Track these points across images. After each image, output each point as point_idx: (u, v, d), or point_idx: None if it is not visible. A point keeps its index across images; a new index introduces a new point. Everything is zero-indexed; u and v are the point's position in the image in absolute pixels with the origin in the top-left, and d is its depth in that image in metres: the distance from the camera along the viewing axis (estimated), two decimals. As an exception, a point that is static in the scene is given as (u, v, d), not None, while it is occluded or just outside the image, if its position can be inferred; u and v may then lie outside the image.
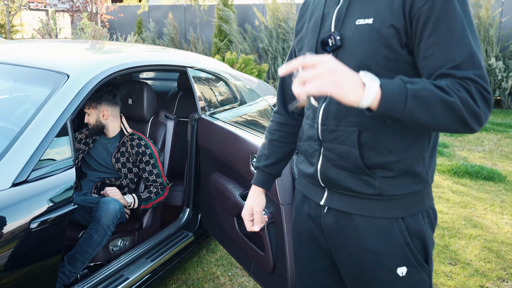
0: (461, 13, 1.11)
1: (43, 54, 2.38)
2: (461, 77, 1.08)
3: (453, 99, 1.05)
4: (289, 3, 9.99)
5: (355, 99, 1.04)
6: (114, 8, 11.09)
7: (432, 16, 1.10)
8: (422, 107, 1.05)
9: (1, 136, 1.88)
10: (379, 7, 1.17)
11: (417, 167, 1.23)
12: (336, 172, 1.27)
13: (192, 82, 2.76)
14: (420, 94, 1.05)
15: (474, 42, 1.11)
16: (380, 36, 1.16)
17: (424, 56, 1.12)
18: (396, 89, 1.05)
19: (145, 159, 2.61)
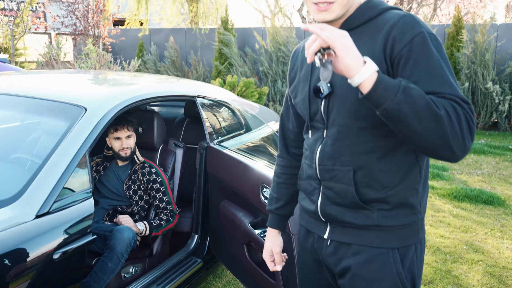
0: (436, 54, 1.20)
1: (61, 87, 2.47)
2: (450, 98, 1.15)
3: (440, 112, 1.11)
4: (288, 27, 10.19)
5: (354, 66, 1.12)
6: (117, 31, 11.27)
7: (410, 58, 1.19)
8: (410, 103, 1.11)
9: (23, 168, 1.96)
10: (362, 55, 1.23)
11: (411, 199, 1.31)
12: (336, 209, 1.36)
13: (201, 111, 2.85)
14: (411, 92, 1.11)
15: (454, 81, 1.19)
16: None
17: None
18: (390, 81, 1.13)
19: (155, 186, 2.68)
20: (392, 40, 1.22)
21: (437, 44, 1.22)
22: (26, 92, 2.31)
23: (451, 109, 1.13)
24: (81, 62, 6.26)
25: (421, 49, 1.20)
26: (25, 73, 2.91)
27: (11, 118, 2.33)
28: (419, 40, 1.20)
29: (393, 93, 1.11)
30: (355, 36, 1.29)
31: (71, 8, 10.42)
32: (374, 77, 1.12)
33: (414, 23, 1.23)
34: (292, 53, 1.58)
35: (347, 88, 1.27)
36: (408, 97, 1.11)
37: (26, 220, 1.66)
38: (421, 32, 1.21)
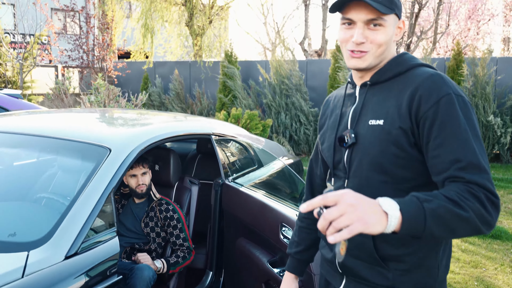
0: (462, 118, 1.21)
1: (84, 127, 2.54)
2: (469, 181, 1.15)
3: (468, 214, 1.11)
4: (291, 60, 10.39)
5: (381, 229, 1.07)
6: (123, 64, 11.49)
7: (436, 120, 1.21)
8: (441, 224, 1.10)
9: (51, 209, 2.01)
10: (389, 110, 1.31)
11: (429, 261, 1.30)
12: (353, 261, 1.37)
13: (216, 148, 2.91)
14: (437, 212, 1.10)
15: (477, 145, 1.20)
16: (390, 136, 1.28)
17: (432, 155, 1.22)
18: (414, 211, 1.09)
19: (172, 223, 2.72)
20: (418, 99, 1.25)
21: (464, 107, 1.23)
22: (50, 132, 2.37)
23: (474, 200, 1.13)
24: (90, 96, 6.38)
25: (447, 111, 1.21)
26: (46, 112, 2.99)
27: (37, 158, 2.39)
28: (445, 102, 1.22)
29: (421, 223, 1.10)
30: (383, 90, 1.34)
31: (79, 42, 10.66)
32: (400, 220, 1.08)
33: (442, 84, 1.25)
34: (324, 101, 1.62)
35: (370, 141, 1.31)
36: (437, 220, 1.10)
37: (56, 261, 1.70)
38: (448, 94, 1.23)
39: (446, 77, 1.28)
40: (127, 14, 14.74)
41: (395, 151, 1.27)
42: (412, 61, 1.36)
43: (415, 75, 1.31)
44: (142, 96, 7.04)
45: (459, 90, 1.26)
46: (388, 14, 1.31)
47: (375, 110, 1.34)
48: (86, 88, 10.33)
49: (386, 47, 1.34)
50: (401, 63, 1.36)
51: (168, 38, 14.53)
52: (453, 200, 1.12)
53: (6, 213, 2.01)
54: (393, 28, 1.35)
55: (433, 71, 1.30)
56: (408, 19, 15.28)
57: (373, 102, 1.36)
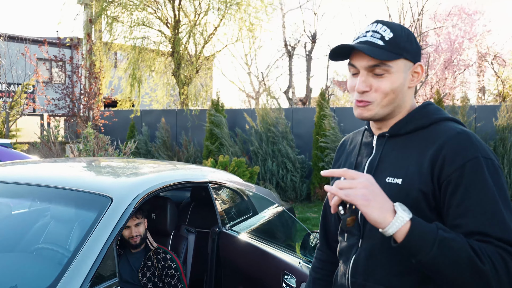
0: (491, 185, 1.09)
1: (83, 177, 2.55)
2: (499, 246, 1.05)
3: (484, 267, 1.02)
4: (277, 108, 10.59)
5: (381, 221, 1.05)
6: (110, 113, 11.55)
7: (461, 186, 1.09)
8: (448, 257, 1.03)
9: (52, 261, 1.98)
10: (408, 168, 1.17)
11: None
12: None
13: (213, 196, 2.92)
14: (450, 244, 1.03)
15: (509, 216, 1.07)
16: (408, 198, 1.15)
17: (453, 224, 1.11)
18: (426, 230, 1.05)
19: (170, 273, 2.68)
20: (442, 160, 1.13)
21: (494, 172, 1.11)
22: (50, 182, 2.36)
23: (499, 261, 1.03)
24: (79, 145, 6.37)
25: (474, 177, 1.09)
26: (42, 161, 2.98)
27: (36, 208, 2.37)
28: (472, 166, 1.10)
29: (428, 245, 1.03)
30: (403, 143, 1.23)
31: (66, 92, 10.74)
32: (406, 228, 1.04)
33: (470, 144, 1.13)
34: (340, 143, 1.49)
35: None
36: (446, 250, 1.03)
37: (58, 315, 1.66)
38: (476, 157, 1.11)
39: (475, 136, 1.17)
40: (114, 64, 14.97)
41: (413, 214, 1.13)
42: (437, 114, 1.24)
43: (440, 131, 1.19)
44: (130, 144, 7.05)
45: (489, 152, 1.15)
46: (393, 60, 1.20)
47: (393, 166, 1.22)
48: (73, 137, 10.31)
49: (394, 96, 1.22)
50: (425, 115, 1.25)
51: (155, 87, 14.72)
52: (473, 247, 1.04)
53: (6, 265, 1.97)
54: (404, 74, 1.22)
55: (460, 128, 1.19)
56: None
57: (392, 157, 1.24)
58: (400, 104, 1.25)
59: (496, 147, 9.19)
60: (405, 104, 1.27)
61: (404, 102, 1.26)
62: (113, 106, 16.01)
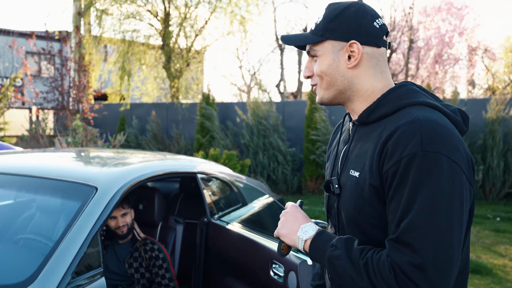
0: (421, 184, 1.01)
1: (68, 166, 2.50)
2: (388, 255, 1.03)
3: (362, 283, 1.05)
4: (268, 102, 10.56)
5: (292, 243, 1.24)
6: (100, 106, 11.44)
7: (394, 182, 1.06)
8: (336, 273, 1.12)
9: (35, 250, 1.94)
10: (365, 162, 1.14)
11: None
12: None
13: (202, 187, 2.89)
14: (335, 262, 1.12)
15: (430, 218, 0.99)
16: (363, 192, 1.13)
17: (388, 220, 1.10)
18: (320, 249, 1.17)
19: (158, 263, 2.65)
20: (385, 153, 1.08)
21: (432, 168, 1.01)
22: (34, 172, 2.32)
23: (382, 275, 1.02)
24: (68, 138, 6.29)
25: (405, 174, 1.03)
26: (28, 152, 2.93)
27: (19, 198, 2.33)
28: (406, 163, 1.03)
29: (323, 262, 1.17)
30: (366, 134, 1.18)
31: (55, 85, 10.61)
32: (307, 247, 1.20)
33: (412, 137, 1.04)
34: (336, 126, 1.44)
35: (348, 195, 1.18)
36: (333, 268, 1.13)
37: (41, 305, 1.63)
38: (412, 154, 1.03)
39: (429, 124, 1.06)
40: (104, 57, 14.83)
41: (369, 210, 1.12)
42: (404, 99, 1.15)
43: (398, 119, 1.11)
44: (120, 137, 6.99)
45: (439, 144, 1.03)
46: (318, 43, 1.20)
47: (356, 158, 1.18)
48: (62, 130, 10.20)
49: (330, 78, 1.19)
50: (389, 101, 1.16)
51: (145, 81, 14.62)
52: (358, 263, 1.07)
53: (-13, 255, 1.93)
54: (333, 55, 1.19)
55: (414, 116, 1.09)
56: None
57: (358, 148, 1.20)
58: (348, 87, 1.21)
59: (486, 140, 9.25)
60: (358, 86, 1.20)
61: (354, 84, 1.20)
62: (103, 99, 15.87)
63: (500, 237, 6.39)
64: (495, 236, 6.45)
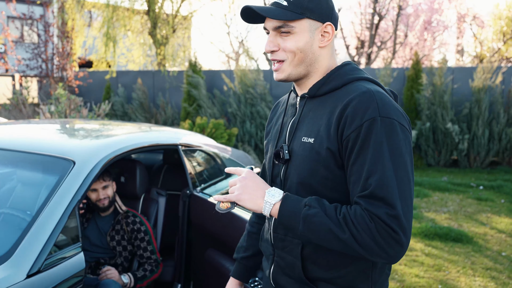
0: (381, 145, 1.13)
1: (46, 139, 2.46)
2: (366, 209, 1.12)
3: (344, 235, 1.12)
4: (256, 70, 10.44)
5: (255, 208, 1.24)
6: (84, 74, 11.22)
7: (356, 145, 1.16)
8: (313, 232, 1.15)
9: (11, 225, 1.92)
10: (320, 129, 1.24)
11: (359, 284, 1.26)
12: (285, 279, 1.35)
13: (184, 159, 2.87)
14: (312, 219, 1.15)
15: (395, 174, 1.12)
16: (318, 156, 1.22)
17: (349, 181, 1.20)
18: (293, 209, 1.19)
19: (140, 236, 2.66)
20: (344, 120, 1.18)
21: (390, 131, 1.15)
22: (10, 145, 2.28)
23: (362, 227, 1.11)
24: (50, 106, 6.19)
25: (367, 137, 1.14)
26: (5, 123, 2.87)
27: (-5, 172, 2.29)
28: (368, 127, 1.14)
29: (296, 223, 1.18)
30: (319, 105, 1.28)
31: (37, 51, 10.35)
32: (276, 209, 1.21)
33: (369, 104, 1.16)
34: (274, 105, 1.54)
35: (301, 160, 1.26)
36: (311, 226, 1.15)
37: (17, 280, 1.63)
38: (373, 118, 1.15)
39: (380, 95, 1.19)
40: (88, 23, 14.44)
41: (323, 173, 1.22)
42: (351, 74, 1.28)
43: (350, 90, 1.23)
44: (104, 106, 6.89)
45: (391, 111, 1.17)
46: (296, 20, 1.23)
47: (308, 126, 1.27)
48: (45, 98, 10.02)
49: (303, 55, 1.26)
50: (338, 77, 1.28)
51: (131, 47, 14.31)
52: (337, 217, 1.15)
53: (-37, 231, 1.91)
54: (309, 34, 1.25)
55: (366, 88, 1.21)
56: (368, 30, 15.71)
57: (309, 117, 1.29)
58: (313, 63, 1.29)
59: (471, 109, 9.30)
60: (319, 64, 1.30)
61: (318, 62, 1.29)
62: (88, 67, 15.58)
63: (482, 205, 6.52)
64: (477, 204, 6.58)
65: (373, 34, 15.22)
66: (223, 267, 2.40)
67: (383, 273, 1.32)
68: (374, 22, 15.25)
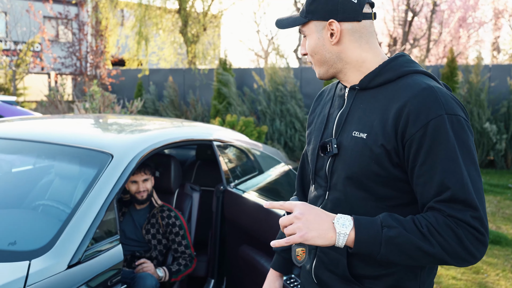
0: (454, 143, 1.09)
1: (85, 133, 2.49)
2: (449, 215, 1.08)
3: (433, 249, 1.07)
4: (286, 68, 10.40)
5: (327, 242, 1.11)
6: (117, 72, 11.42)
7: (424, 144, 1.10)
8: (398, 253, 1.09)
9: (53, 217, 1.96)
10: (373, 124, 1.19)
11: (407, 282, 1.22)
12: (328, 275, 1.30)
13: (218, 154, 2.87)
14: (395, 241, 1.09)
15: (470, 174, 1.09)
16: (371, 153, 1.17)
17: (417, 183, 1.14)
18: (371, 234, 1.10)
19: (174, 230, 2.67)
20: (405, 118, 1.13)
21: (459, 129, 1.11)
22: (51, 138, 2.32)
23: (450, 235, 1.07)
24: (85, 103, 6.31)
25: (436, 136, 1.10)
26: (44, 118, 2.93)
27: (36, 164, 2.34)
28: (435, 125, 1.10)
29: (376, 247, 1.10)
30: (371, 97, 1.23)
31: (72, 50, 10.60)
32: (352, 237, 1.11)
33: (434, 101, 1.12)
34: (318, 94, 1.50)
35: (352, 154, 1.21)
36: (393, 248, 1.09)
37: (59, 270, 1.65)
38: (439, 116, 1.10)
39: (441, 91, 1.15)
40: (121, 22, 14.70)
41: (375, 169, 1.18)
42: (405, 67, 1.23)
43: (406, 85, 1.18)
44: (137, 103, 6.98)
45: (455, 108, 1.13)
46: (305, 24, 1.29)
47: (360, 120, 1.23)
48: (80, 95, 10.25)
49: (320, 56, 1.28)
50: (392, 68, 1.23)
51: (162, 46, 14.49)
52: (421, 231, 1.09)
53: (6, 221, 1.95)
54: (317, 34, 1.27)
55: (426, 83, 1.16)
56: (401, 27, 15.42)
57: (360, 111, 1.24)
58: (337, 61, 1.28)
59: (510, 107, 9.00)
60: (347, 59, 1.27)
61: (342, 58, 1.27)
62: (121, 65, 15.85)
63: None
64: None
65: (406, 31, 14.93)
66: (258, 263, 2.38)
67: (431, 273, 1.28)
68: (407, 19, 14.96)
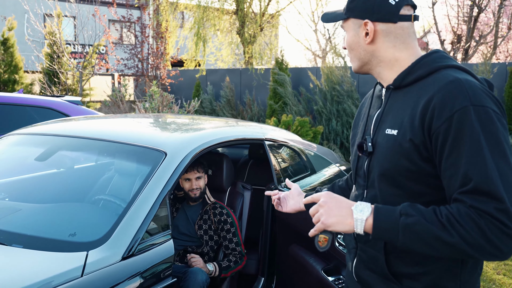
0: (480, 135, 1.07)
1: (140, 132, 2.60)
2: (471, 206, 1.06)
3: (453, 239, 1.05)
4: (343, 67, 10.25)
5: (347, 229, 1.17)
6: (176, 72, 11.77)
7: (449, 137, 1.10)
8: (416, 241, 1.09)
9: (109, 211, 2.06)
10: (403, 120, 1.21)
11: (446, 282, 1.20)
12: (368, 274, 1.32)
13: (269, 154, 2.88)
14: (414, 228, 1.09)
15: (496, 165, 1.06)
16: (401, 148, 1.19)
17: (444, 176, 1.14)
18: (388, 221, 1.12)
19: (226, 227, 2.72)
20: (432, 112, 1.13)
21: (486, 120, 1.09)
22: (108, 136, 2.43)
23: (471, 226, 1.05)
24: (145, 103, 6.56)
25: (461, 128, 1.09)
26: (104, 117, 3.08)
27: (96, 161, 2.46)
28: (460, 117, 1.09)
29: (394, 234, 1.11)
30: (404, 95, 1.25)
31: (134, 52, 11.04)
32: (370, 224, 1.14)
33: (459, 93, 1.11)
34: (365, 97, 1.55)
35: (384, 152, 1.24)
36: (412, 235, 1.09)
37: (114, 262, 1.73)
38: (464, 107, 1.09)
39: (469, 83, 1.13)
40: (180, 23, 15.12)
41: (406, 165, 1.18)
42: (438, 63, 1.22)
43: (435, 80, 1.18)
44: (194, 102, 7.16)
45: (483, 99, 1.11)
46: (345, 21, 1.34)
47: (393, 118, 1.25)
48: (140, 95, 10.66)
49: (355, 52, 1.33)
50: (424, 65, 1.23)
51: (219, 46, 14.76)
52: (440, 221, 1.08)
53: (67, 214, 2.07)
54: (354, 32, 1.32)
55: (454, 77, 1.15)
56: (465, 23, 14.73)
57: (394, 109, 1.27)
58: (371, 59, 1.31)
59: None
60: (380, 58, 1.30)
61: (376, 57, 1.30)
62: (180, 66, 16.30)
63: None
64: None
65: (471, 27, 14.23)
66: (307, 263, 2.37)
67: (474, 273, 1.24)
68: (472, 14, 14.26)
